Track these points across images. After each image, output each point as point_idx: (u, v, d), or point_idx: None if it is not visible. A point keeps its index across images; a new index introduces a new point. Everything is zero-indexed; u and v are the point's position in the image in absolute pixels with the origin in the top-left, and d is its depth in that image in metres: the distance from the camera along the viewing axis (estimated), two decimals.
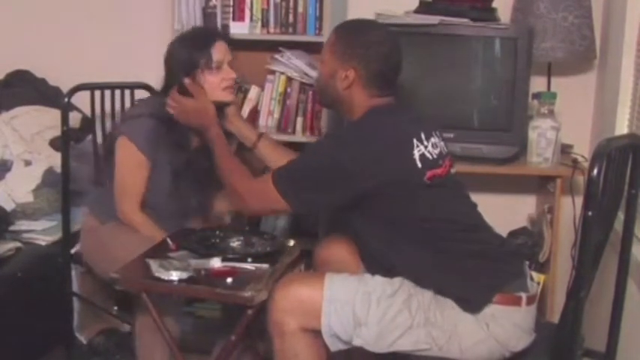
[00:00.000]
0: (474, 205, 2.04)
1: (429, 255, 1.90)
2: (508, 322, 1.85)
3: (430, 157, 1.93)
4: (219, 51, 2.25)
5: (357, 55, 1.96)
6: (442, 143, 2.01)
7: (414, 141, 1.91)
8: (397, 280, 1.90)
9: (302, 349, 1.86)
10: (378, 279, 1.91)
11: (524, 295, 1.88)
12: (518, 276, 1.93)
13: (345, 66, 1.97)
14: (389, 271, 1.92)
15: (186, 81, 2.22)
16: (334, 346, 1.86)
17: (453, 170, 2.01)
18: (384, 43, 1.99)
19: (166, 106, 2.24)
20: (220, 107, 2.28)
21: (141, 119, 2.25)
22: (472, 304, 1.86)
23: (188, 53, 2.24)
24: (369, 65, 1.96)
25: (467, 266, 1.90)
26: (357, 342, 1.84)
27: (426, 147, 1.93)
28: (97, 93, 2.67)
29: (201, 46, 2.24)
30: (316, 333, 1.86)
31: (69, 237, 2.62)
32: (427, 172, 1.90)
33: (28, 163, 2.91)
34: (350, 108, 2.02)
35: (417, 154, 1.90)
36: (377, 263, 1.98)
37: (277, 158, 2.25)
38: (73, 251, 2.62)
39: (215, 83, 2.25)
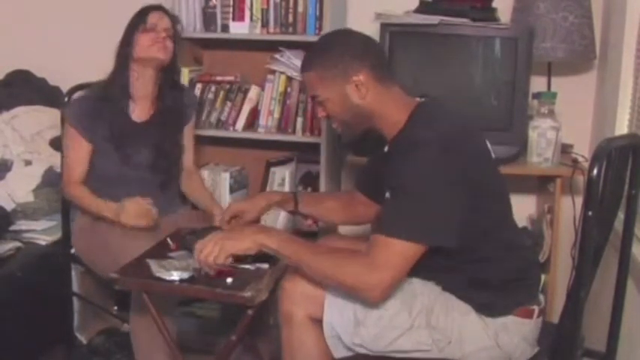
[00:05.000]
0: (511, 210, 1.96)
1: (469, 265, 1.83)
2: (518, 334, 1.84)
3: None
4: (154, 16, 2.44)
5: (348, 60, 1.80)
6: None
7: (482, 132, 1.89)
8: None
9: (309, 338, 1.85)
10: None
11: (536, 309, 1.87)
12: (538, 290, 1.92)
13: (349, 78, 1.79)
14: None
15: None
16: (337, 351, 1.84)
17: None
18: (350, 36, 1.89)
19: (109, 89, 2.43)
20: None
21: (74, 101, 2.51)
22: (492, 311, 1.83)
23: (129, 24, 2.45)
24: (364, 58, 1.81)
25: (502, 282, 1.84)
26: (356, 340, 1.82)
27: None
28: None
29: (139, 14, 2.45)
30: None
31: (69, 237, 2.62)
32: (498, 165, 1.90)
33: (28, 162, 2.91)
34: (382, 115, 1.83)
35: (489, 145, 1.89)
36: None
37: (324, 210, 2.23)
38: (73, 251, 2.62)
39: (146, 41, 2.41)
